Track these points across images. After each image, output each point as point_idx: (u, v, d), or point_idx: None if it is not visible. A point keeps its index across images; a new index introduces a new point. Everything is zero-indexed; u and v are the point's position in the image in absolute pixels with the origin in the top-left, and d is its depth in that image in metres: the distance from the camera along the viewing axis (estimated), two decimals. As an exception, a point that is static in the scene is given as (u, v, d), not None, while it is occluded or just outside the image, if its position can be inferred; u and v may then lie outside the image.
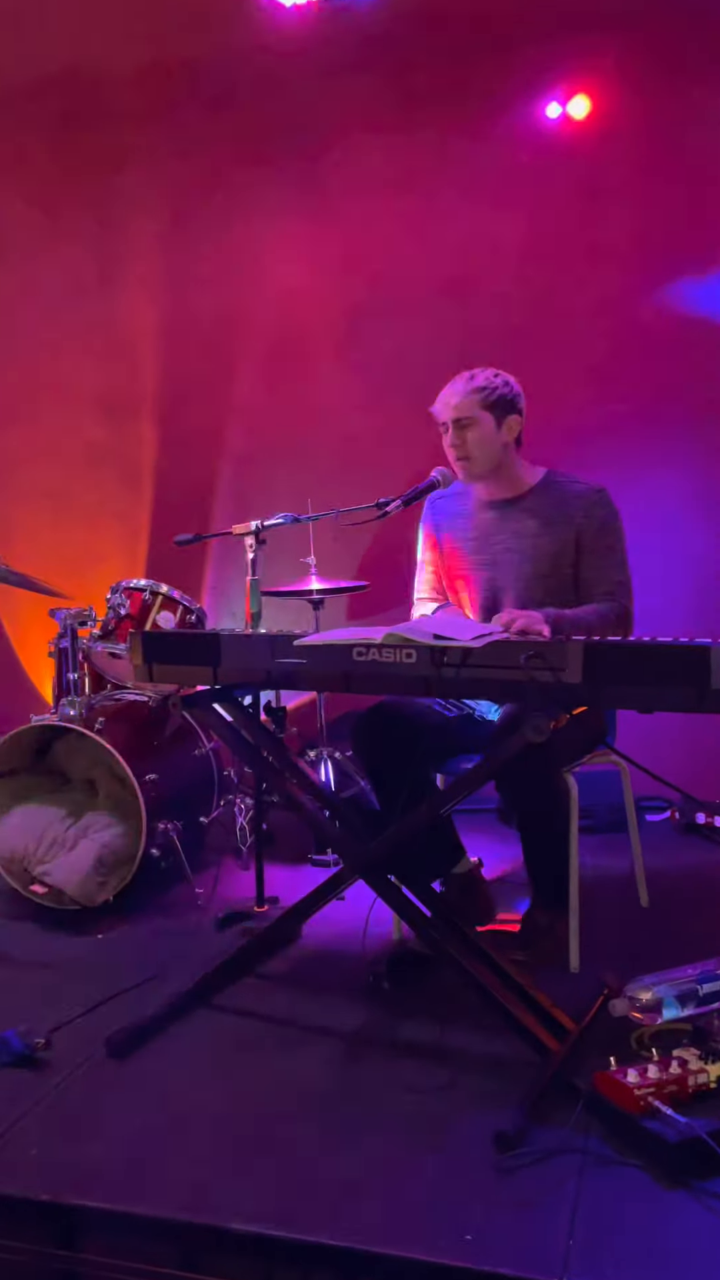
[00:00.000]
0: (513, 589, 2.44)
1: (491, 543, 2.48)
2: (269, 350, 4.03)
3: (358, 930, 2.42)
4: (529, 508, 2.44)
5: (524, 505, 2.45)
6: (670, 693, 1.73)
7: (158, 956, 2.44)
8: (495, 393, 2.38)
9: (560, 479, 2.46)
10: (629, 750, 2.23)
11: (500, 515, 2.47)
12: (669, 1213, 1.48)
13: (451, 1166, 1.62)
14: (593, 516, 2.38)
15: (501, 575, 2.46)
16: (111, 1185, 1.60)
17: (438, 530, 2.59)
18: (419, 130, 3.76)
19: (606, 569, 2.38)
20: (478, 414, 2.37)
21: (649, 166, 3.58)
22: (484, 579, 2.49)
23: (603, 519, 2.39)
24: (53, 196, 4.16)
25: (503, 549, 2.46)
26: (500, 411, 2.39)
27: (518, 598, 2.43)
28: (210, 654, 2.15)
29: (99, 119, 4.04)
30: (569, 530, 2.38)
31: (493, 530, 2.48)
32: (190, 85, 3.90)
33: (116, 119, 4.03)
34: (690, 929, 2.53)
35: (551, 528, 2.40)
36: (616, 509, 2.42)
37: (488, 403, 2.37)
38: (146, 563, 4.17)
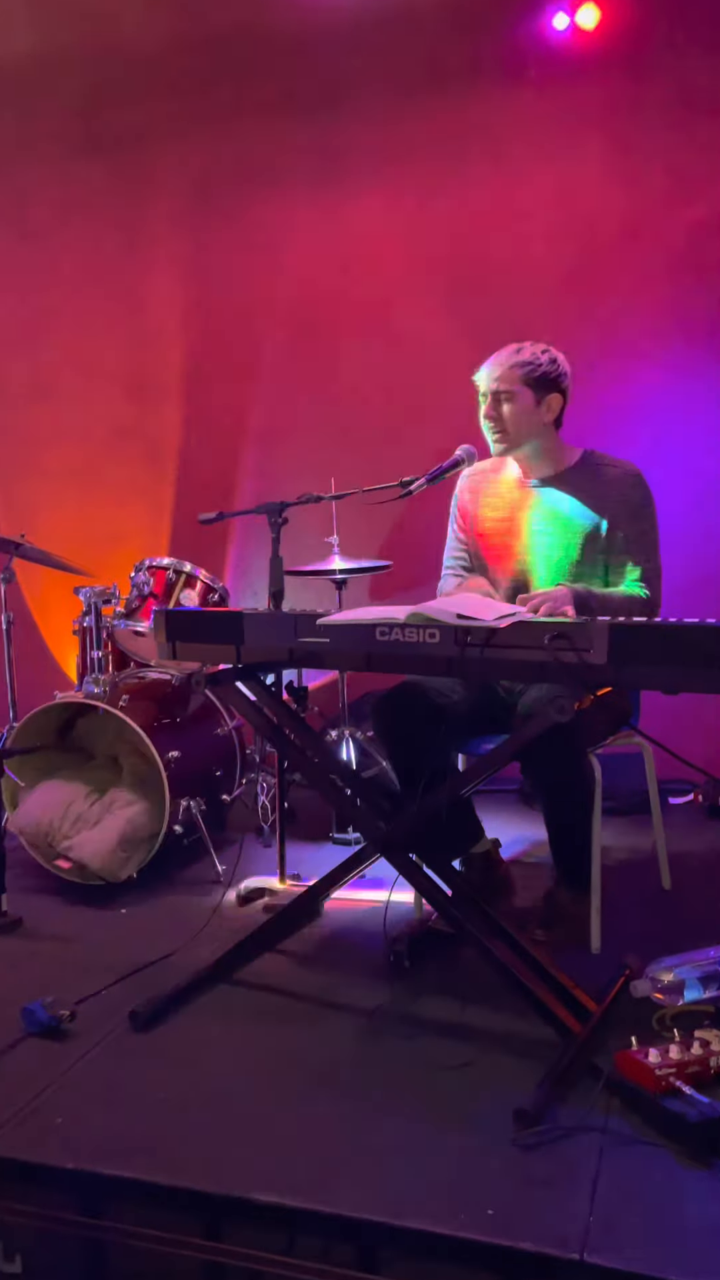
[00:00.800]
0: (543, 568, 2.42)
1: (524, 521, 2.45)
2: (294, 328, 4.01)
3: (379, 909, 2.43)
4: (564, 488, 2.42)
5: (559, 485, 2.42)
6: (696, 674, 1.72)
7: (180, 932, 2.46)
8: (539, 369, 2.34)
9: (596, 460, 2.43)
10: (653, 732, 2.22)
11: (534, 494, 2.45)
12: (688, 1191, 1.48)
13: (473, 1143, 1.63)
14: (627, 500, 2.35)
15: (532, 554, 2.44)
16: (135, 1155, 1.62)
17: (470, 505, 2.56)
18: (446, 101, 3.70)
19: (637, 553, 2.36)
20: (518, 388, 2.34)
21: (681, 126, 3.50)
22: (515, 557, 2.47)
23: (637, 502, 2.36)
24: (79, 173, 4.15)
25: (534, 529, 2.44)
26: (542, 389, 2.35)
27: (547, 577, 2.41)
28: (233, 632, 2.15)
29: (125, 95, 4.02)
30: (603, 513, 2.36)
31: (526, 509, 2.46)
32: (216, 60, 3.87)
33: (142, 95, 4.01)
34: (712, 911, 2.53)
35: (585, 509, 2.38)
36: (650, 492, 2.39)
37: (530, 378, 2.34)
38: (170, 541, 4.18)
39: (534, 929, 2.36)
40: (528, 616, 1.95)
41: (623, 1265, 1.35)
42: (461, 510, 2.59)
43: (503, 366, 2.34)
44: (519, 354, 2.34)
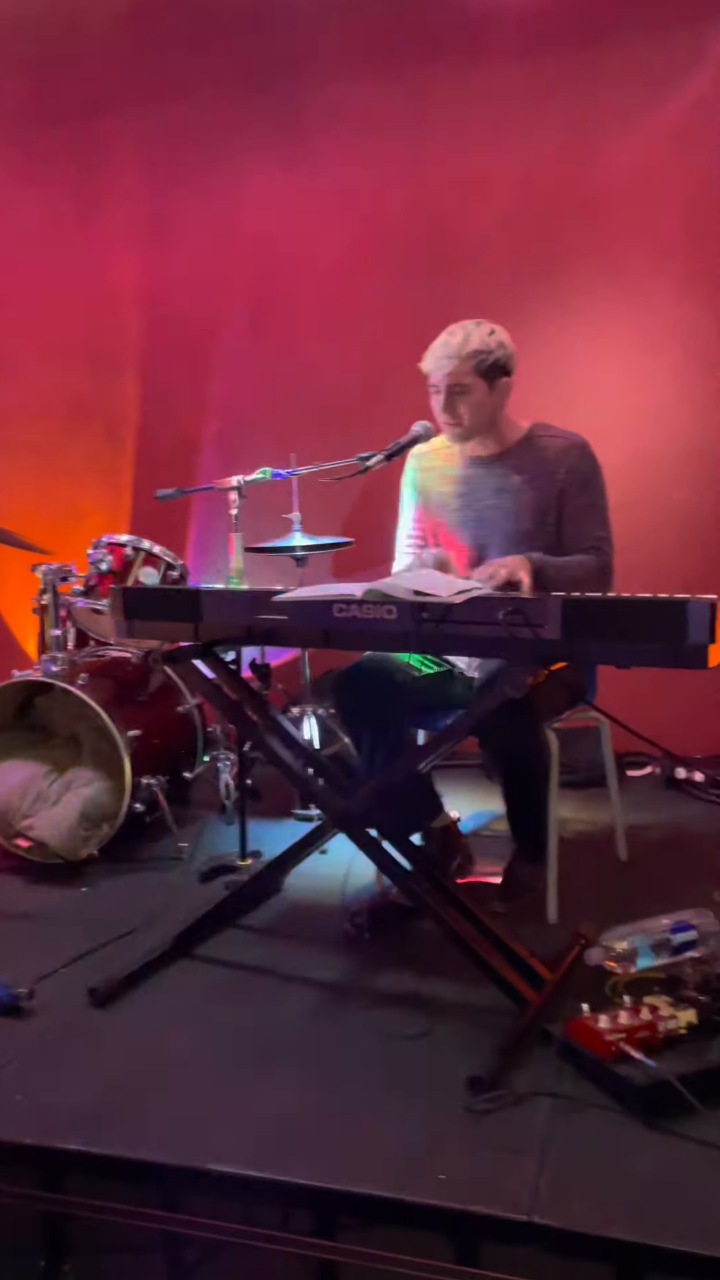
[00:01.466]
0: (497, 545, 2.44)
1: (476, 499, 2.47)
2: (254, 301, 3.97)
3: (339, 883, 2.45)
4: (513, 464, 2.43)
5: (508, 461, 2.44)
6: (647, 648, 1.74)
7: (141, 909, 2.46)
8: (491, 357, 2.32)
9: (543, 432, 2.44)
10: (610, 707, 2.24)
11: (485, 471, 2.46)
12: (635, 1151, 1.52)
13: (428, 1110, 1.66)
14: (575, 470, 2.37)
15: (486, 531, 2.45)
16: (94, 1129, 1.63)
17: (422, 486, 2.57)
18: (407, 71, 3.66)
19: (588, 524, 2.38)
20: (471, 380, 2.32)
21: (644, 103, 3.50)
22: (469, 535, 2.48)
23: (585, 473, 2.38)
24: (32, 141, 4.06)
25: (487, 505, 2.45)
26: (494, 376, 2.35)
27: (502, 554, 2.42)
28: (191, 609, 2.15)
29: (78, 62, 3.93)
30: (552, 485, 2.38)
31: (477, 486, 2.47)
32: (171, 28, 3.79)
33: (96, 61, 3.92)
34: (667, 881, 2.57)
35: (535, 483, 2.39)
36: (598, 462, 2.41)
37: (482, 368, 2.32)
38: (130, 519, 4.14)
39: (492, 901, 2.39)
40: (485, 592, 1.96)
41: (570, 1225, 1.38)
42: (414, 489, 2.59)
43: (454, 360, 2.30)
44: (468, 344, 2.30)
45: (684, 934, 2.05)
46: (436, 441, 2.51)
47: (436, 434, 2.46)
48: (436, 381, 2.35)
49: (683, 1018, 1.73)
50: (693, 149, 3.46)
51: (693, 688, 3.36)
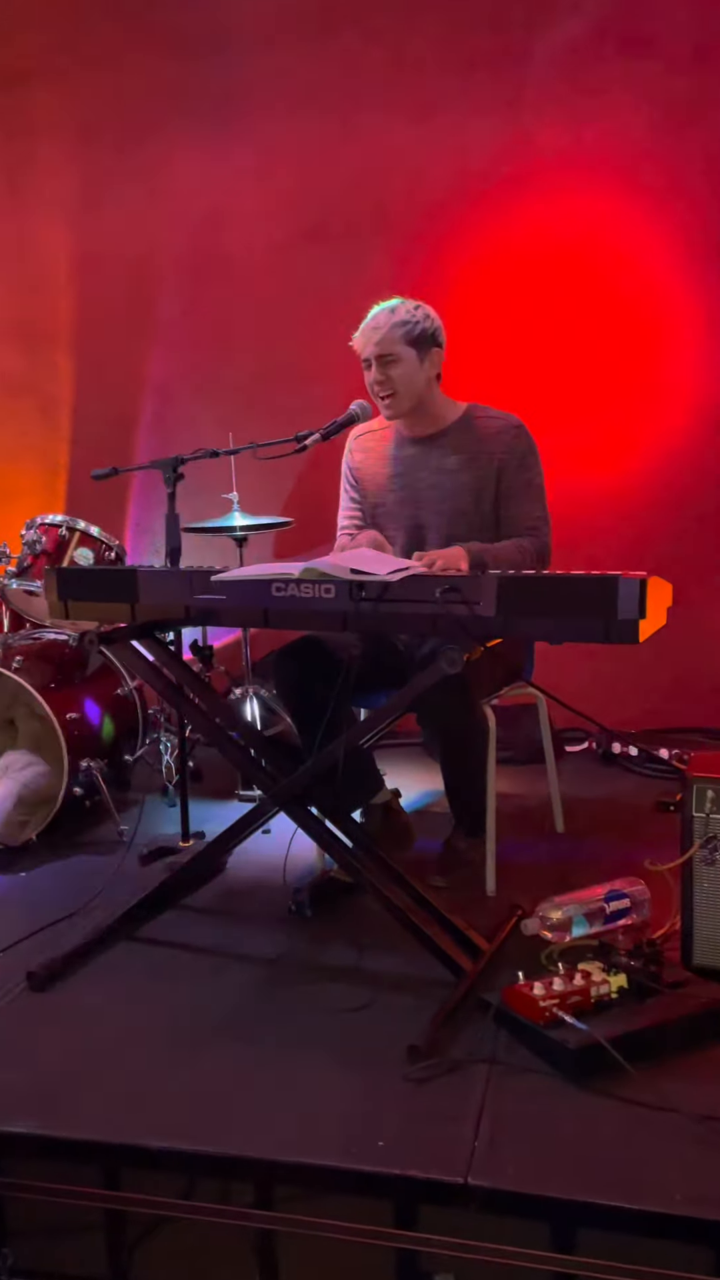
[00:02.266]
0: (435, 526, 2.46)
1: (413, 479, 2.48)
2: (188, 276, 3.91)
3: (281, 862, 2.46)
4: (450, 444, 2.44)
5: (445, 441, 2.45)
6: (579, 624, 1.78)
7: (81, 893, 2.45)
8: (418, 326, 2.35)
9: (480, 413, 2.46)
10: (548, 685, 2.28)
11: (422, 452, 2.47)
12: (567, 1112, 1.57)
13: (366, 1080, 1.68)
14: (512, 451, 2.40)
15: (424, 512, 2.47)
16: (33, 1111, 1.62)
17: (359, 468, 2.58)
18: (340, 41, 3.62)
19: (526, 504, 2.41)
20: (400, 350, 2.34)
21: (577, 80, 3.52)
22: (407, 516, 2.49)
23: (522, 452, 2.41)
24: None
25: (425, 485, 2.46)
26: (423, 346, 2.37)
27: (440, 534, 2.44)
28: (127, 590, 2.13)
29: (3, 30, 3.81)
30: (489, 465, 2.40)
31: (414, 467, 2.48)
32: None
33: (22, 32, 3.82)
34: (602, 852, 2.64)
35: (472, 463, 2.41)
36: (534, 443, 2.44)
37: (410, 337, 2.34)
38: (66, 499, 4.07)
39: (431, 875, 2.43)
40: (421, 570, 1.98)
41: (506, 1185, 1.42)
42: (352, 472, 2.60)
43: (383, 330, 2.33)
44: (394, 315, 2.34)
45: (617, 902, 2.11)
46: (374, 423, 2.52)
47: (374, 414, 2.47)
48: (368, 355, 2.37)
49: (614, 982, 1.78)
50: (626, 122, 3.49)
51: (628, 665, 3.45)
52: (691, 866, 1.97)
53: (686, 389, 3.57)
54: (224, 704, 2.35)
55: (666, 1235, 1.37)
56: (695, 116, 3.44)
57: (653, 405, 3.60)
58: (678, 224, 3.51)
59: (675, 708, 3.64)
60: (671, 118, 3.45)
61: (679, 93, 3.43)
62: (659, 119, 3.46)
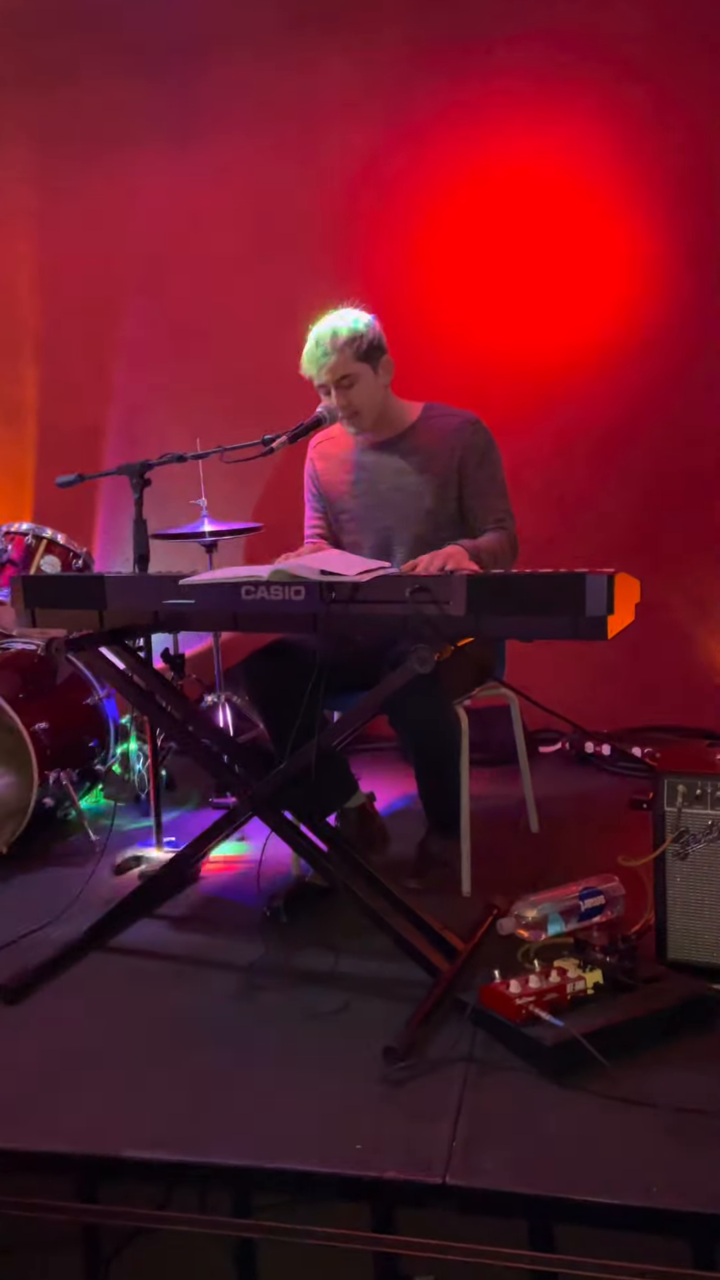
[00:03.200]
0: (402, 528, 2.46)
1: (375, 484, 2.48)
2: (152, 286, 3.91)
3: (255, 868, 2.44)
4: (409, 446, 2.45)
5: (404, 443, 2.46)
6: (549, 621, 1.78)
7: (53, 905, 2.41)
8: (365, 340, 2.33)
9: (436, 412, 2.47)
10: (519, 685, 2.28)
11: (382, 456, 2.48)
12: (545, 1109, 1.56)
13: (343, 1083, 1.67)
14: (471, 447, 2.40)
15: (389, 515, 2.47)
16: (5, 1124, 1.60)
17: (322, 475, 2.58)
18: (302, 57, 3.64)
19: (491, 497, 2.42)
20: (354, 368, 2.33)
21: (538, 93, 3.56)
22: (373, 520, 2.50)
23: (481, 446, 2.41)
24: None
25: (388, 489, 2.47)
26: (374, 358, 2.36)
27: (408, 536, 2.45)
28: (95, 596, 2.11)
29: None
30: (450, 463, 2.41)
31: (376, 472, 2.48)
32: (58, 9, 3.69)
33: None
34: (576, 851, 2.65)
35: (433, 462, 2.42)
36: (492, 436, 2.45)
37: (360, 353, 2.33)
38: (34, 508, 4.04)
39: (407, 878, 2.42)
40: (390, 571, 1.98)
41: (484, 1184, 1.41)
42: (315, 480, 2.60)
43: (332, 354, 2.30)
44: (337, 337, 2.30)
45: (592, 899, 2.11)
46: (333, 430, 2.51)
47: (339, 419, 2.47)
48: (323, 382, 2.35)
49: (590, 979, 1.78)
50: (576, 116, 3.53)
51: (600, 665, 3.47)
52: (664, 861, 1.98)
53: (656, 394, 3.61)
54: (195, 709, 2.33)
55: (645, 1229, 1.36)
56: (654, 122, 3.48)
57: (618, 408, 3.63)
58: (639, 229, 3.55)
59: (648, 707, 3.66)
60: (630, 123, 3.49)
61: (637, 99, 3.47)
62: (618, 125, 3.50)
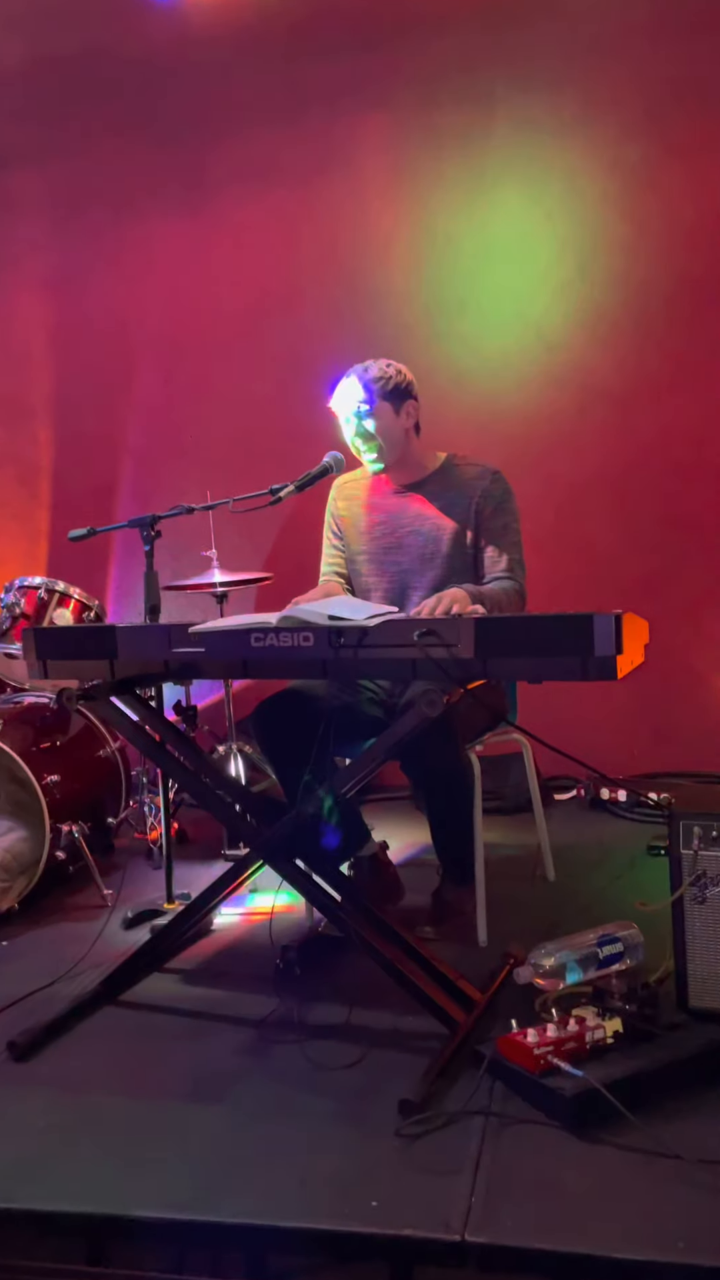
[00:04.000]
0: (417, 571, 2.49)
1: (395, 526, 2.52)
2: (166, 347, 4.01)
3: (268, 919, 2.41)
4: (430, 491, 2.50)
5: (425, 489, 2.51)
6: (558, 662, 1.78)
7: (65, 959, 2.39)
8: (391, 381, 2.42)
9: (459, 461, 2.52)
10: (532, 730, 2.27)
11: (402, 500, 2.52)
12: (566, 1163, 1.52)
13: (358, 1138, 1.63)
14: (488, 495, 2.45)
15: (406, 558, 2.50)
16: (14, 1185, 1.56)
17: (343, 515, 2.62)
18: (307, 125, 3.78)
19: (503, 547, 2.45)
20: (377, 404, 2.42)
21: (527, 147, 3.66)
22: (389, 563, 2.53)
23: (498, 498, 2.45)
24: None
25: (406, 532, 2.51)
26: (398, 399, 2.44)
27: (423, 580, 2.48)
28: (106, 647, 2.12)
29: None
30: (467, 510, 2.45)
31: (395, 514, 2.52)
32: (73, 82, 3.86)
33: (1, 118, 3.96)
34: (593, 898, 2.60)
35: (451, 509, 2.46)
36: (511, 489, 2.48)
37: (385, 391, 2.42)
38: (48, 563, 4.10)
39: (422, 927, 2.38)
40: (398, 616, 1.99)
41: (505, 1240, 1.37)
42: (336, 521, 2.64)
43: (358, 387, 2.41)
44: (368, 372, 2.42)
45: (610, 946, 2.06)
46: (357, 471, 2.56)
47: (347, 465, 2.51)
48: (346, 413, 2.43)
49: (609, 1027, 1.74)
50: (588, 193, 3.63)
51: (612, 711, 3.45)
52: (682, 906, 1.94)
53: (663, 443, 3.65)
54: (206, 758, 2.33)
55: (673, 1287, 1.32)
56: (648, 179, 3.58)
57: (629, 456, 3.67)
58: (640, 282, 3.62)
59: (662, 752, 3.63)
60: (627, 180, 3.59)
61: (631, 157, 3.58)
62: (616, 182, 3.60)
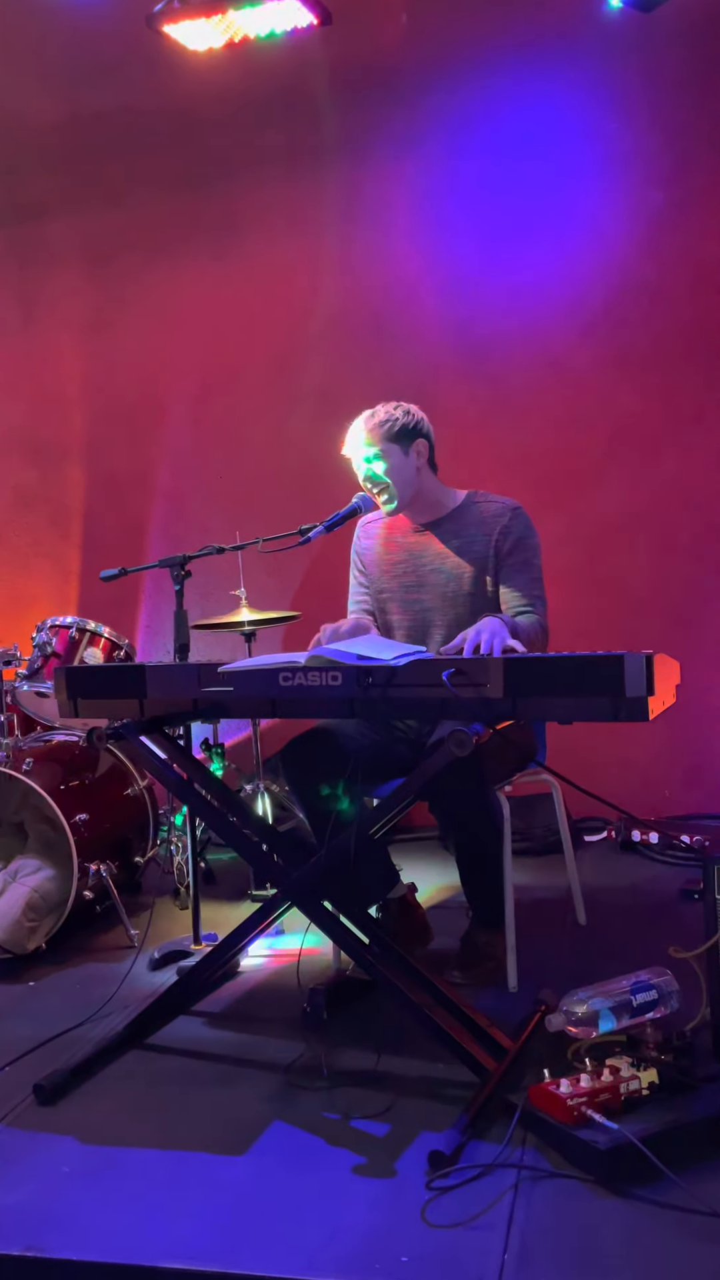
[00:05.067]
0: (439, 609, 2.49)
1: (417, 565, 2.53)
2: (196, 390, 4.07)
3: (295, 962, 2.39)
4: (452, 528, 2.50)
5: (445, 527, 2.51)
6: (587, 703, 1.77)
7: (90, 1002, 2.37)
8: (396, 424, 2.44)
9: (479, 499, 2.53)
10: (561, 771, 2.25)
11: (423, 538, 2.53)
12: (603, 1219, 1.47)
13: (388, 1189, 1.59)
14: (508, 531, 2.45)
15: (428, 595, 2.51)
16: (40, 1233, 1.54)
17: (365, 554, 2.63)
18: (335, 172, 3.86)
19: (524, 583, 2.44)
20: (384, 447, 2.44)
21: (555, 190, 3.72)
22: (411, 601, 2.53)
23: (518, 533, 2.45)
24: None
25: (428, 570, 2.51)
26: (405, 440, 2.46)
27: (445, 618, 2.47)
28: (136, 685, 2.13)
29: (17, 168, 4.09)
30: (488, 545, 2.45)
31: (417, 553, 2.53)
32: (107, 134, 3.97)
33: (34, 168, 4.09)
34: (626, 943, 2.55)
35: (472, 546, 2.47)
36: (531, 524, 2.48)
37: (391, 434, 2.44)
38: (78, 603, 4.14)
39: (451, 971, 2.35)
40: (426, 655, 1.99)
41: (539, 1301, 1.33)
42: (360, 560, 2.65)
43: (364, 433, 2.44)
44: (373, 418, 2.45)
45: (644, 994, 2.02)
46: (379, 513, 2.57)
47: (376, 505, 2.53)
48: (357, 459, 2.46)
49: (644, 1078, 1.70)
50: (611, 236, 3.67)
51: (643, 751, 3.41)
52: (718, 952, 1.90)
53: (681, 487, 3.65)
54: (234, 797, 2.32)
55: None
56: (673, 226, 3.61)
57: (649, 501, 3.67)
58: (661, 331, 3.64)
59: (694, 793, 3.58)
60: (652, 229, 3.63)
61: (658, 206, 3.62)
62: (640, 231, 3.64)
